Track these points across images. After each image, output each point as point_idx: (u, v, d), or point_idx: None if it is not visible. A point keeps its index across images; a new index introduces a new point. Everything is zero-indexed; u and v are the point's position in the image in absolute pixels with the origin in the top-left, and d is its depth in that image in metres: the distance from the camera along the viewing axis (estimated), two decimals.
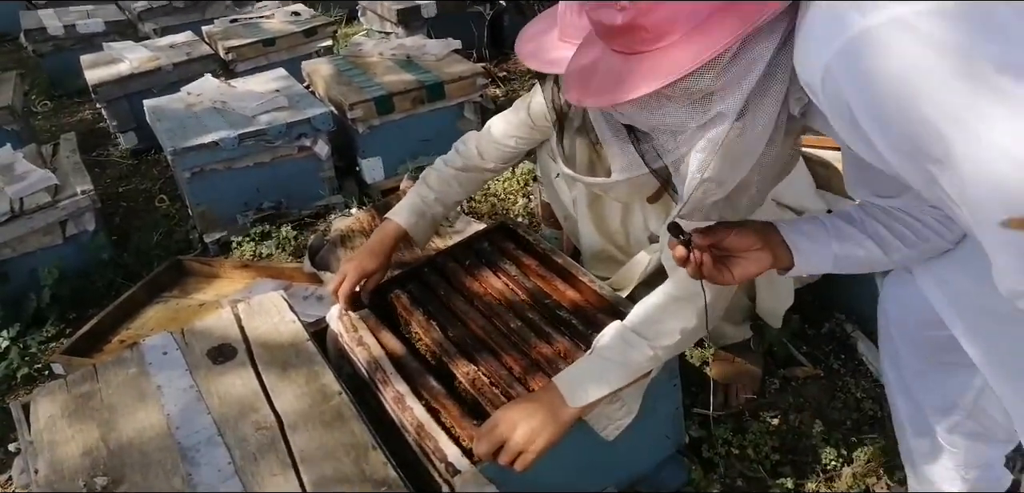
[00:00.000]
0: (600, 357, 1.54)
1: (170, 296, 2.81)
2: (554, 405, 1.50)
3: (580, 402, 1.50)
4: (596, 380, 1.52)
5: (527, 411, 1.49)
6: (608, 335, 1.56)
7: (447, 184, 2.07)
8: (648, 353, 1.53)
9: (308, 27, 4.62)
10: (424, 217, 2.04)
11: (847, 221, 1.30)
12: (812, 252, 1.30)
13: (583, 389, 1.51)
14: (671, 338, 1.54)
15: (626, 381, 1.53)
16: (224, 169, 3.12)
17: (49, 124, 4.92)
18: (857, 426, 1.99)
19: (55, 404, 1.64)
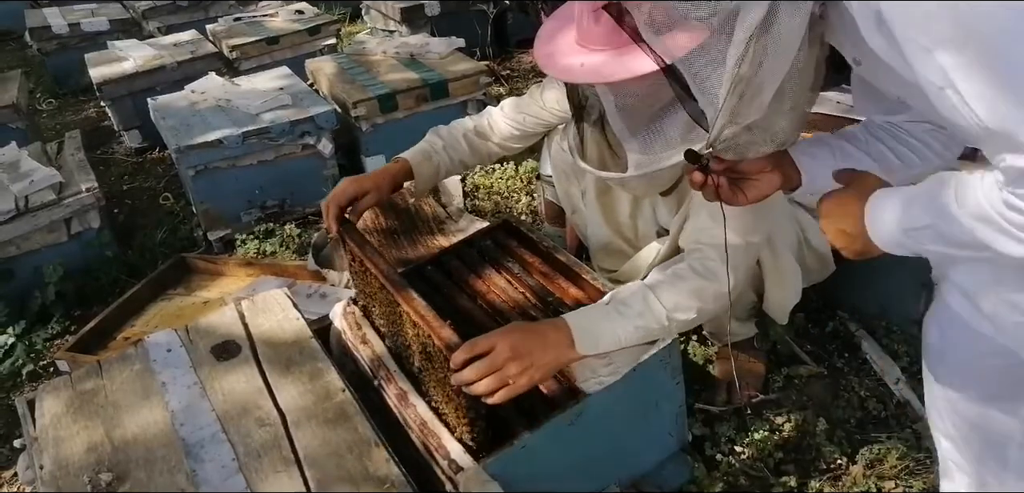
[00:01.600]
0: (618, 311, 1.56)
1: (174, 293, 2.81)
2: (559, 345, 1.51)
3: (589, 350, 1.53)
4: (609, 332, 1.55)
5: (527, 342, 1.48)
6: (629, 292, 1.59)
7: (456, 140, 2.11)
8: (664, 322, 1.57)
9: (312, 25, 4.62)
10: (429, 160, 2.05)
11: (851, 141, 1.34)
12: (817, 172, 1.33)
13: (594, 338, 1.53)
14: (688, 314, 1.59)
15: (636, 342, 1.57)
16: (228, 167, 3.13)
17: (54, 122, 4.93)
18: (861, 425, 1.98)
19: (60, 401, 1.65)
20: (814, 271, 2.07)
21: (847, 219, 1.20)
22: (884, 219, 1.14)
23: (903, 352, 2.13)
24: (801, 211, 2.00)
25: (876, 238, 1.16)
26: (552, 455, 1.57)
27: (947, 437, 1.41)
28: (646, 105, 1.62)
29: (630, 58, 1.51)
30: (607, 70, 1.51)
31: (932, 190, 1.07)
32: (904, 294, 2.13)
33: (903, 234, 1.11)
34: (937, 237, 1.07)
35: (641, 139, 1.66)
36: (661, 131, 1.66)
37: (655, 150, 1.67)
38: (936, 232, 1.06)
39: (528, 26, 4.86)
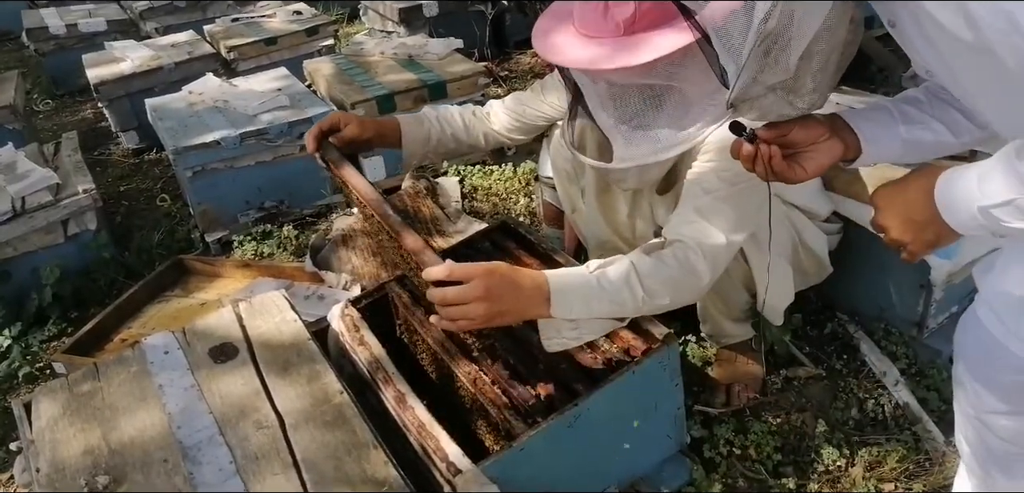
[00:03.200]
0: (599, 282, 1.56)
1: (172, 295, 2.81)
2: (533, 299, 1.52)
3: (562, 314, 1.54)
4: (585, 300, 1.55)
5: (501, 287, 1.48)
6: (615, 268, 1.58)
7: (450, 116, 2.12)
8: (639, 304, 1.58)
9: (310, 26, 4.62)
10: (420, 125, 2.06)
11: (914, 104, 1.25)
12: (879, 138, 1.25)
13: (569, 303, 1.54)
14: (661, 300, 1.60)
15: (608, 316, 1.59)
16: (226, 168, 3.12)
17: (51, 123, 4.92)
18: (859, 427, 1.98)
19: (56, 403, 1.64)
20: (810, 273, 2.07)
21: (913, 206, 1.12)
22: (958, 199, 1.06)
23: (902, 354, 2.13)
24: (796, 213, 2.00)
25: (953, 220, 1.08)
26: (551, 457, 1.57)
27: (967, 441, 1.41)
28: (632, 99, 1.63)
29: (628, 48, 1.52)
30: (599, 59, 1.52)
31: (1008, 162, 0.99)
32: (903, 296, 2.13)
33: (981, 213, 1.03)
34: (1018, 213, 0.99)
35: (626, 132, 1.67)
36: (646, 128, 1.66)
37: (639, 144, 1.67)
38: (1017, 208, 0.99)
39: (526, 27, 4.86)
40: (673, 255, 1.61)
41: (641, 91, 1.62)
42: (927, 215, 1.10)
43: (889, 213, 1.16)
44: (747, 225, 1.70)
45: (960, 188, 1.06)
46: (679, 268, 1.60)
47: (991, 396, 1.30)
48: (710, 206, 1.64)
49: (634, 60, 1.48)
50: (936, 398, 1.99)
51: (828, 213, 2.11)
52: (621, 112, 1.66)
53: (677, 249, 1.62)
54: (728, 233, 1.64)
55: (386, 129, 2.02)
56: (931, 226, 1.11)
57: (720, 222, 1.63)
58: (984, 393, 1.30)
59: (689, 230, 1.63)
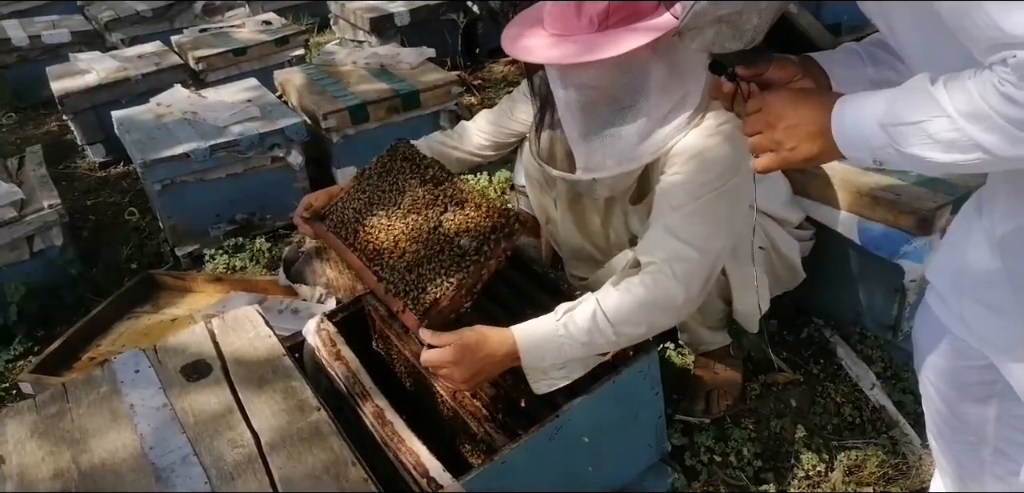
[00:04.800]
0: (566, 332, 1.57)
1: (141, 312, 2.75)
2: (506, 358, 1.58)
3: (535, 364, 1.57)
4: (556, 350, 1.57)
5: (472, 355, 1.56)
6: (580, 313, 1.59)
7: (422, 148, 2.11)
8: (612, 339, 1.59)
9: (279, 36, 4.57)
10: None
11: (880, 46, 1.29)
12: (849, 78, 1.29)
13: (539, 354, 1.57)
14: (637, 329, 1.61)
15: (582, 358, 1.59)
16: (195, 181, 3.07)
17: (14, 137, 4.81)
18: (838, 431, 2.00)
19: (24, 425, 1.59)
20: (784, 279, 2.08)
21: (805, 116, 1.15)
22: (860, 115, 1.08)
23: (877, 357, 2.15)
24: (768, 220, 2.02)
25: (841, 136, 1.11)
26: (532, 470, 1.55)
27: (932, 436, 1.42)
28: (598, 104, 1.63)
29: (588, 47, 1.53)
30: (565, 56, 1.54)
31: (919, 86, 1.01)
32: (877, 300, 2.15)
33: (882, 130, 1.05)
34: (924, 137, 1.00)
35: (589, 141, 1.67)
36: (610, 136, 1.67)
37: (602, 154, 1.68)
38: (923, 130, 1.00)
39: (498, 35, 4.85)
40: (642, 281, 1.60)
41: (607, 99, 1.63)
42: (817, 127, 1.13)
43: (779, 112, 1.18)
44: (720, 236, 1.67)
45: (863, 105, 1.08)
46: (649, 293, 1.59)
47: (947, 385, 1.33)
48: (679, 222, 1.63)
49: (605, 54, 1.50)
50: (912, 401, 2.01)
51: (800, 219, 2.12)
52: (586, 122, 1.67)
53: (647, 274, 1.61)
54: (700, 247, 1.62)
55: None
56: (817, 138, 1.14)
57: (691, 237, 1.61)
58: (941, 383, 1.33)
59: (659, 251, 1.62)
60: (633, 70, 1.59)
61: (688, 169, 1.63)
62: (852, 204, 2.05)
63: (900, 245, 1.98)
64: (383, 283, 1.71)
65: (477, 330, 1.58)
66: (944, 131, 0.98)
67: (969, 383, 1.29)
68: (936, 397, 1.36)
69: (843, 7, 3.44)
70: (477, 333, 1.58)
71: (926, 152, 1.01)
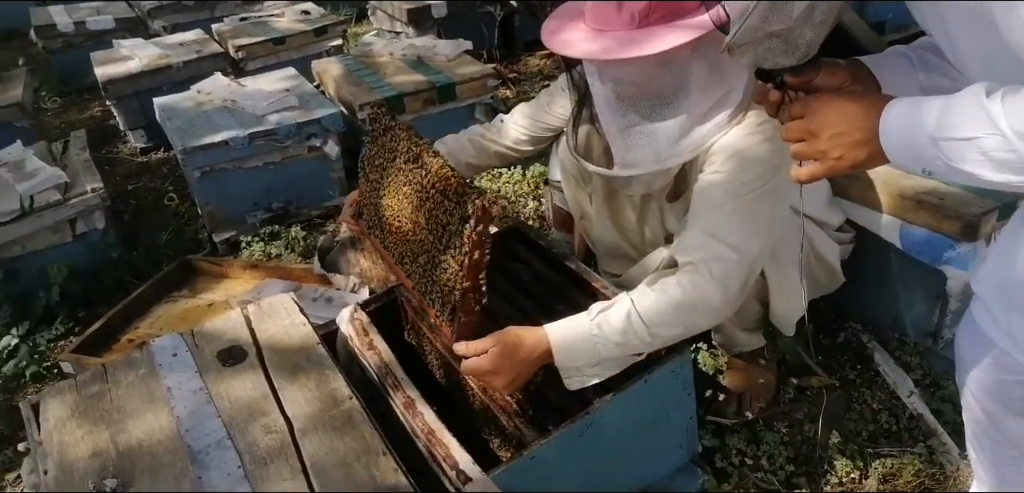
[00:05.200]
0: (601, 332, 1.56)
1: (179, 295, 2.80)
2: (540, 359, 1.58)
3: (569, 363, 1.57)
4: (589, 351, 1.57)
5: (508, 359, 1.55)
6: (614, 313, 1.57)
7: (461, 146, 2.15)
8: (647, 340, 1.57)
9: (318, 26, 4.61)
10: None
11: (932, 51, 1.24)
12: (899, 84, 1.24)
13: (573, 354, 1.57)
14: (672, 330, 1.59)
15: (617, 358, 1.58)
16: (234, 168, 3.11)
17: (59, 121, 4.92)
18: (873, 438, 1.96)
19: (65, 404, 1.63)
20: (823, 283, 2.05)
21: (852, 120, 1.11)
22: (909, 125, 1.04)
23: (916, 365, 2.11)
24: (808, 222, 1.98)
25: (891, 145, 1.06)
26: (561, 466, 1.55)
27: (972, 448, 1.39)
28: (637, 100, 1.62)
29: (629, 43, 1.51)
30: (605, 51, 1.52)
31: (973, 99, 0.97)
32: (918, 306, 2.11)
33: (931, 143, 1.00)
34: (975, 154, 0.96)
35: (627, 138, 1.66)
36: (648, 132, 1.65)
37: (640, 150, 1.66)
38: (977, 147, 0.95)
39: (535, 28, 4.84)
40: (679, 282, 1.58)
41: (646, 96, 1.62)
42: (864, 134, 1.09)
43: (823, 119, 1.14)
44: (760, 237, 1.64)
45: (912, 115, 1.04)
46: (687, 295, 1.57)
47: (990, 398, 1.29)
48: (718, 222, 1.60)
49: (645, 50, 1.48)
50: (951, 410, 1.97)
51: (840, 222, 2.09)
52: (625, 117, 1.65)
53: (684, 274, 1.59)
54: (739, 248, 1.59)
55: None
56: (864, 146, 1.10)
57: (730, 237, 1.59)
58: (984, 396, 1.30)
59: (697, 252, 1.60)
60: (673, 67, 1.57)
61: (728, 168, 1.61)
62: (894, 207, 2.01)
63: (943, 251, 1.93)
64: (417, 288, 1.71)
65: (512, 333, 1.58)
66: (997, 150, 0.94)
67: (1013, 397, 1.25)
68: (977, 409, 1.33)
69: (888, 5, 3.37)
70: (512, 336, 1.57)
71: (977, 170, 0.98)
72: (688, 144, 1.65)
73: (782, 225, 1.76)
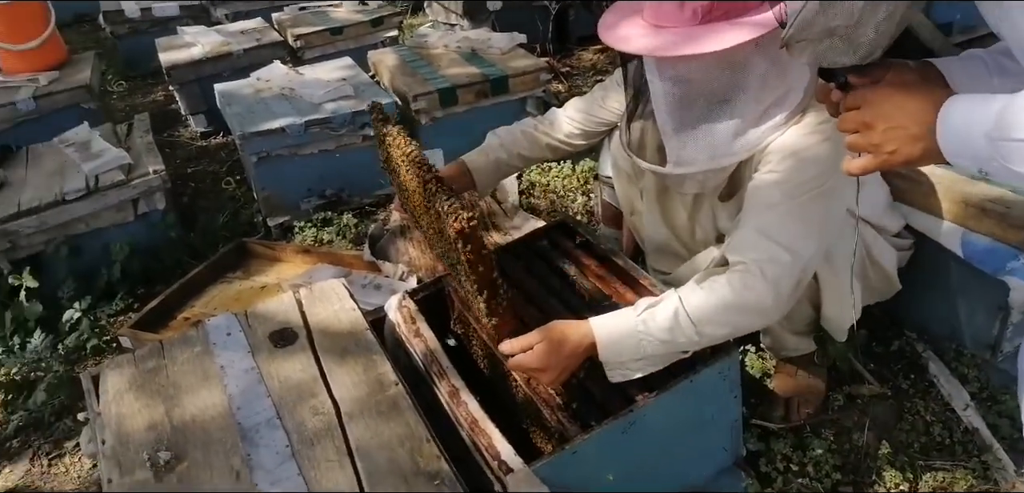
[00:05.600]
0: (646, 328, 1.55)
1: (234, 277, 2.87)
2: (587, 351, 1.57)
3: (612, 359, 1.56)
4: (634, 346, 1.55)
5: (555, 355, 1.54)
6: (661, 310, 1.56)
7: (513, 137, 2.14)
8: (694, 339, 1.55)
9: (375, 17, 4.67)
10: (486, 157, 2.11)
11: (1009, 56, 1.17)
12: (968, 87, 1.17)
13: (618, 350, 1.56)
14: (721, 330, 1.57)
15: (662, 355, 1.57)
16: (289, 155, 3.17)
17: (124, 104, 5.08)
18: (925, 450, 1.91)
19: (123, 378, 1.69)
20: (878, 289, 2.00)
21: (909, 114, 1.07)
22: (967, 122, 1.00)
23: (973, 377, 2.04)
24: (866, 227, 1.94)
25: (947, 142, 1.02)
26: (603, 462, 1.55)
27: None
28: (695, 98, 1.60)
29: (690, 39, 1.50)
30: (665, 47, 1.51)
31: None
32: (978, 317, 2.04)
33: (987, 142, 0.97)
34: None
35: (683, 136, 1.64)
36: (705, 131, 1.63)
37: (696, 148, 1.65)
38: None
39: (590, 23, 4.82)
40: (729, 281, 1.56)
41: (704, 94, 1.60)
42: (920, 129, 1.06)
43: (879, 112, 1.10)
44: (815, 239, 1.61)
45: (971, 112, 1.00)
46: (737, 294, 1.54)
47: None
48: (772, 223, 1.57)
49: (706, 47, 1.47)
50: (1008, 426, 1.91)
51: (899, 228, 2.03)
52: (681, 116, 1.64)
53: (735, 274, 1.56)
54: (793, 249, 1.56)
55: (455, 175, 2.07)
56: (919, 141, 1.06)
57: (784, 238, 1.56)
58: None
59: (750, 252, 1.57)
60: (734, 65, 1.55)
61: (784, 167, 1.59)
62: (957, 214, 1.95)
63: (1007, 261, 1.87)
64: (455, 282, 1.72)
65: (557, 328, 1.57)
66: None
67: None
68: None
69: (956, 5, 3.27)
70: (558, 332, 1.57)
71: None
72: (744, 143, 1.63)
73: (838, 228, 1.72)
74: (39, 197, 2.83)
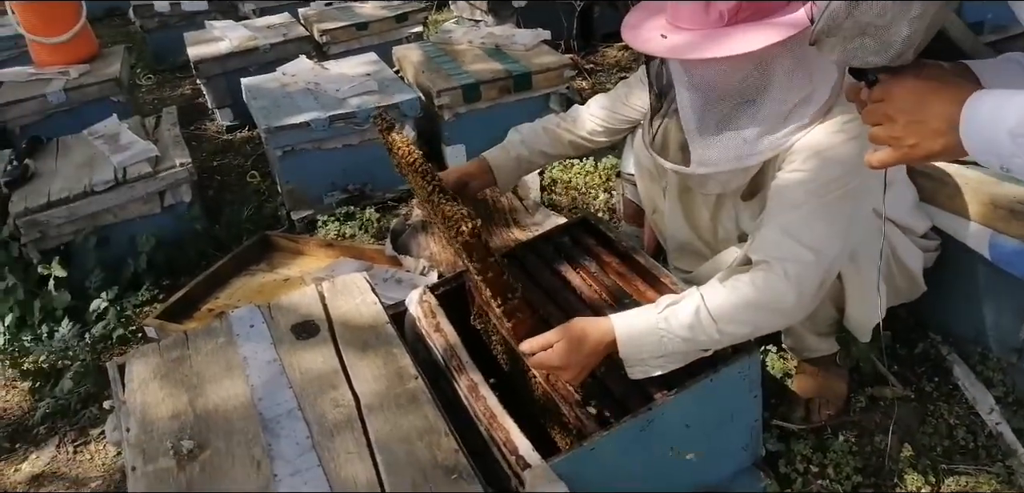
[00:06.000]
0: (667, 325, 1.54)
1: (257, 269, 2.90)
2: (608, 347, 1.57)
3: (632, 355, 1.56)
4: (655, 344, 1.55)
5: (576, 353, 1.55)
6: (683, 308, 1.55)
7: (535, 134, 2.15)
8: (715, 337, 1.54)
9: (400, 13, 4.69)
10: (507, 153, 2.11)
11: None
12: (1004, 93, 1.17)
13: (639, 346, 1.55)
14: (742, 328, 1.56)
15: (682, 353, 1.56)
16: (314, 149, 3.20)
17: (152, 97, 5.14)
18: (948, 454, 1.89)
19: (148, 367, 1.72)
20: (902, 290, 1.98)
21: (931, 110, 1.05)
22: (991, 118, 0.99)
23: (998, 381, 2.02)
24: (891, 227, 1.92)
25: (969, 136, 1.01)
26: (621, 459, 1.55)
27: None
28: (720, 98, 1.60)
29: (716, 40, 1.49)
30: (691, 48, 1.51)
31: None
32: (1004, 320, 2.01)
33: (1011, 139, 0.96)
34: None
35: (707, 136, 1.64)
36: (730, 131, 1.63)
37: (720, 149, 1.64)
38: None
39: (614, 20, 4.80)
40: (752, 280, 1.55)
41: (729, 95, 1.60)
42: (943, 124, 1.04)
43: (902, 104, 1.08)
44: (839, 239, 1.59)
45: (996, 108, 0.99)
46: (759, 294, 1.53)
47: None
48: (797, 222, 1.56)
49: (735, 50, 1.47)
50: None
51: (925, 229, 2.01)
52: (706, 117, 1.63)
53: (758, 273, 1.55)
54: (817, 249, 1.54)
55: (476, 172, 2.08)
56: (942, 136, 1.05)
57: (808, 238, 1.54)
58: None
59: (774, 251, 1.55)
60: (760, 66, 1.55)
61: (809, 166, 1.57)
62: (985, 216, 1.92)
63: None
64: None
65: (577, 326, 1.57)
66: None
67: None
68: None
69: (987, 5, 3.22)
70: (578, 330, 1.57)
71: None
72: (770, 143, 1.62)
73: (863, 228, 1.71)
74: (68, 188, 2.88)
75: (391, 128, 1.82)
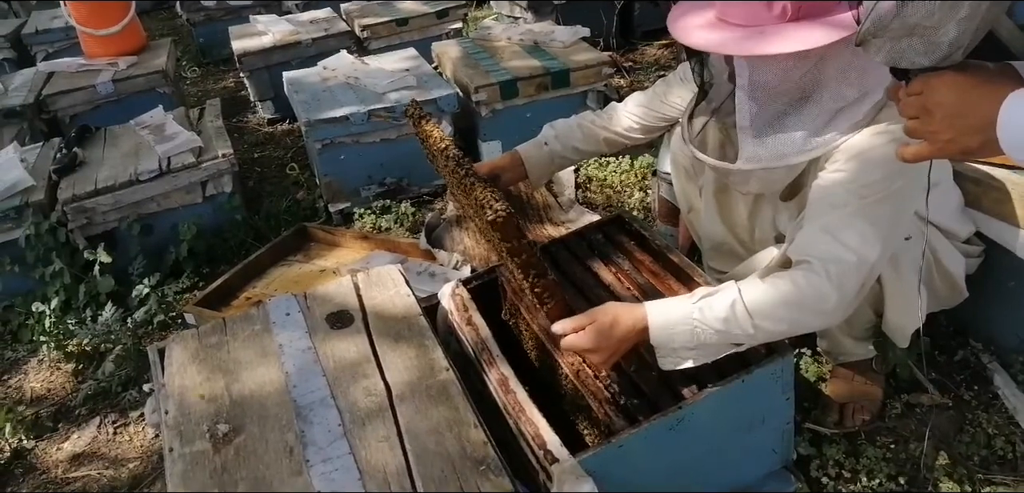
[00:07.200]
0: (702, 316, 1.53)
1: (294, 260, 2.94)
2: (640, 334, 1.56)
3: (664, 344, 1.55)
4: (688, 333, 1.54)
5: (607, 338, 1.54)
6: (718, 300, 1.54)
7: (569, 129, 2.15)
8: (749, 332, 1.53)
9: (440, 9, 4.71)
10: (540, 148, 2.11)
11: None
12: None
13: (671, 335, 1.54)
14: (778, 326, 1.54)
15: (715, 345, 1.55)
16: (352, 143, 3.24)
17: (196, 89, 5.25)
18: (986, 464, 1.85)
19: (187, 352, 1.76)
20: (943, 296, 1.94)
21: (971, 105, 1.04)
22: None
23: None
24: (934, 231, 1.88)
25: (1006, 135, 0.99)
26: (650, 457, 1.55)
27: None
28: (778, 95, 1.59)
29: (768, 37, 1.48)
30: (753, 44, 1.50)
31: None
32: None
33: None
34: None
35: (759, 131, 1.62)
36: (781, 128, 1.61)
37: (770, 146, 1.62)
38: None
39: (655, 17, 4.77)
40: (792, 278, 1.53)
41: (787, 93, 1.59)
42: (981, 121, 1.02)
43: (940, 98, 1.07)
44: (881, 241, 1.56)
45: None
46: (799, 292, 1.51)
47: None
48: (838, 223, 1.54)
49: (798, 46, 1.47)
50: None
51: (969, 234, 1.97)
52: (761, 114, 1.62)
53: (798, 271, 1.53)
54: (859, 251, 1.52)
55: (508, 165, 2.09)
56: (978, 133, 1.03)
57: (850, 239, 1.52)
58: None
59: (815, 250, 1.53)
60: (818, 65, 1.54)
61: (850, 167, 1.56)
62: None
63: None
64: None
65: (609, 312, 1.57)
66: None
67: None
68: None
69: None
70: (610, 315, 1.56)
71: None
72: (820, 142, 1.61)
73: (905, 231, 1.68)
74: (115, 176, 2.96)
75: (423, 118, 1.84)
